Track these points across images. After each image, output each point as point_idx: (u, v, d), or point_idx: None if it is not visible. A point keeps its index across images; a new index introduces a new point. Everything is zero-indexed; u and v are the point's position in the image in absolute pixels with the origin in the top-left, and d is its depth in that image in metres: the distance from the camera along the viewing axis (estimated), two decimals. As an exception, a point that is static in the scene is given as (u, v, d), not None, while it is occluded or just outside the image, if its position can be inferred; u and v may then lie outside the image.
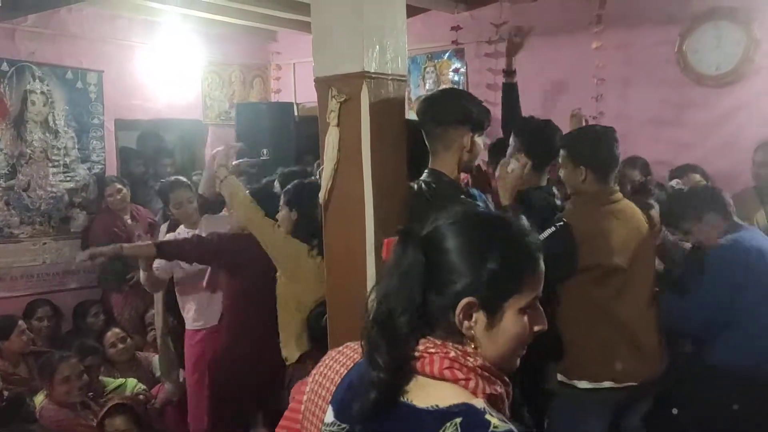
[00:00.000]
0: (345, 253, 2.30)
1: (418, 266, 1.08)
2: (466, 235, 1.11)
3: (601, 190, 2.51)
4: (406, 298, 1.07)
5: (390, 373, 1.05)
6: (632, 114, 4.45)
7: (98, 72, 5.17)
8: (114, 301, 4.78)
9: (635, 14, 4.48)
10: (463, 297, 1.07)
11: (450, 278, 1.08)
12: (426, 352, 1.06)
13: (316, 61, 2.34)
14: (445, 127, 2.32)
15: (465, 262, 1.08)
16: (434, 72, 5.42)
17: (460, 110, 2.32)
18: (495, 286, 1.08)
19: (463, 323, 1.07)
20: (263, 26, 5.71)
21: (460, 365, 1.05)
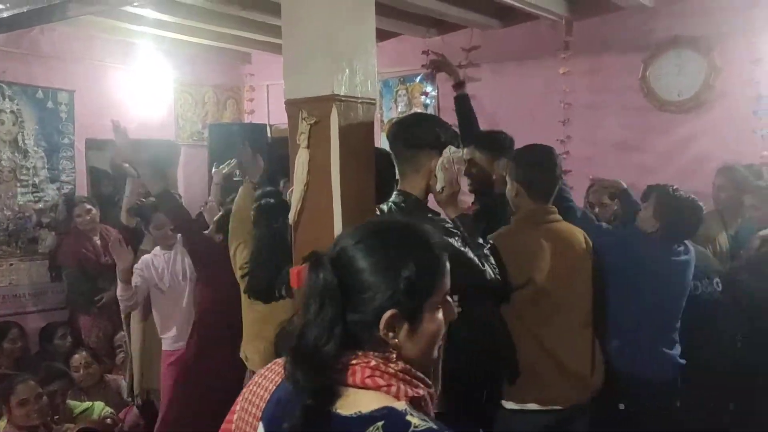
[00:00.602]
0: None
1: (333, 289, 1.11)
2: (375, 251, 1.14)
3: (536, 209, 2.54)
4: (328, 324, 1.10)
5: (317, 397, 1.08)
6: (598, 138, 4.56)
7: (69, 92, 5.15)
8: (82, 323, 4.72)
9: (601, 41, 4.61)
10: (384, 311, 1.10)
11: (368, 296, 1.11)
12: (349, 364, 1.10)
13: (287, 84, 2.38)
14: (415, 151, 2.35)
15: (380, 278, 1.12)
16: (406, 95, 5.49)
17: (430, 135, 2.36)
18: (412, 294, 1.12)
19: (388, 335, 1.11)
20: (237, 48, 5.75)
21: (381, 372, 1.09)
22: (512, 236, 2.51)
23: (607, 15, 4.53)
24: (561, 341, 2.46)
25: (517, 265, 2.42)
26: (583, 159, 4.53)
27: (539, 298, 2.45)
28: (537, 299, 2.45)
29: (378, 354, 1.11)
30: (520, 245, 2.46)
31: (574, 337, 2.51)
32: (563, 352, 2.47)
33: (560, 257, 2.49)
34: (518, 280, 2.42)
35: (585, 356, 2.54)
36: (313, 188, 2.28)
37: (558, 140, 4.60)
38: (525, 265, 2.43)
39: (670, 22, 4.38)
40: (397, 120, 2.53)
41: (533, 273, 2.43)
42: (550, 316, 2.46)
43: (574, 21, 4.64)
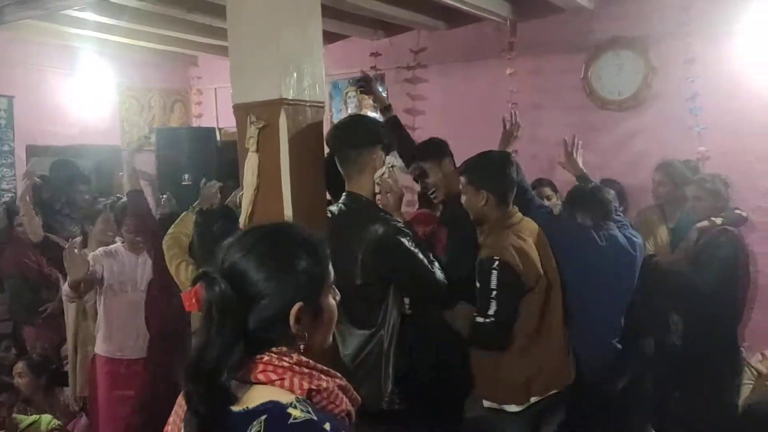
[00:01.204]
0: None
1: (232, 301, 1.12)
2: (267, 256, 1.17)
3: (503, 213, 2.60)
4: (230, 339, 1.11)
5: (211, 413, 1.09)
6: (543, 137, 4.66)
7: (8, 97, 5.00)
8: (26, 334, 4.58)
9: (544, 43, 4.72)
10: (290, 307, 1.14)
11: (270, 300, 1.14)
12: (243, 363, 1.12)
13: (234, 88, 2.38)
14: (358, 150, 2.39)
15: (280, 279, 1.15)
16: (356, 96, 5.51)
17: (370, 132, 2.42)
18: (311, 284, 1.18)
19: (297, 328, 1.15)
20: (183, 51, 5.67)
21: (274, 367, 1.12)
22: (511, 244, 2.50)
23: (549, 17, 4.65)
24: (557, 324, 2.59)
25: (526, 270, 2.47)
26: (528, 157, 4.63)
27: (544, 295, 2.54)
28: (543, 296, 2.53)
29: (276, 350, 1.14)
30: (519, 251, 2.48)
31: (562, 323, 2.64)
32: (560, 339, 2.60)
33: (541, 251, 2.59)
34: (530, 283, 2.49)
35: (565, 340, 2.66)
36: (264, 192, 2.29)
37: (505, 140, 4.68)
38: (531, 268, 2.49)
39: (609, 24, 4.52)
40: (334, 124, 2.55)
41: (539, 273, 2.52)
42: (547, 303, 2.56)
43: (518, 22, 4.75)
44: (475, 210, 2.62)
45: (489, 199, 2.57)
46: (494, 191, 2.57)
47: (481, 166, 2.65)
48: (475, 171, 2.63)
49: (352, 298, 2.32)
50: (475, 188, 2.59)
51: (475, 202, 2.60)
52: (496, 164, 2.65)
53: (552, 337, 2.58)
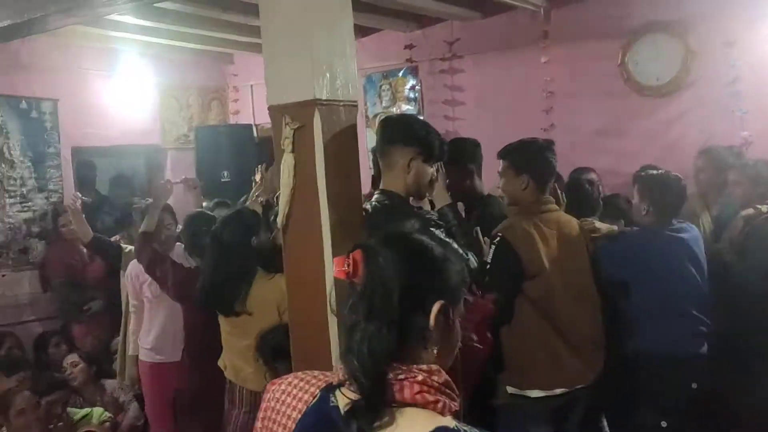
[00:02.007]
0: (305, 278, 2.36)
1: (391, 281, 1.10)
2: (424, 244, 1.18)
3: (538, 200, 2.64)
4: (377, 310, 1.08)
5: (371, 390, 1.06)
6: (580, 125, 4.62)
7: (53, 100, 5.15)
8: (75, 332, 4.74)
9: (578, 29, 4.66)
10: (435, 301, 1.12)
11: (420, 284, 1.12)
12: (396, 379, 1.07)
13: (269, 89, 2.41)
14: (390, 146, 2.40)
15: (433, 270, 1.15)
16: (390, 89, 5.53)
17: (406, 130, 2.40)
18: (456, 290, 1.17)
19: (434, 326, 1.11)
20: (219, 50, 5.76)
21: (428, 387, 1.07)
22: (520, 228, 2.58)
23: (584, 3, 4.58)
24: (567, 322, 2.56)
25: (530, 255, 2.51)
26: (566, 146, 4.58)
27: (552, 285, 2.54)
28: (550, 286, 2.54)
29: (421, 367, 1.09)
30: (529, 236, 2.54)
31: (577, 317, 2.60)
32: (572, 331, 2.57)
33: (562, 244, 2.59)
34: (532, 269, 2.51)
35: (593, 337, 2.64)
36: (300, 192, 2.32)
37: (542, 129, 4.65)
38: (536, 255, 2.52)
39: (646, 8, 4.43)
40: (383, 118, 2.58)
41: (544, 261, 2.53)
42: (563, 301, 2.55)
43: (552, 10, 4.69)
44: (514, 194, 2.68)
45: (529, 183, 2.62)
46: (535, 176, 2.62)
47: (523, 150, 2.69)
48: (518, 155, 2.68)
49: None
50: (516, 172, 2.65)
51: (515, 186, 2.66)
52: (538, 149, 2.69)
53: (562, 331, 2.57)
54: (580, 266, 2.65)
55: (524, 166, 2.65)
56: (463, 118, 5.14)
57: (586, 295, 2.65)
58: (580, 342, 2.58)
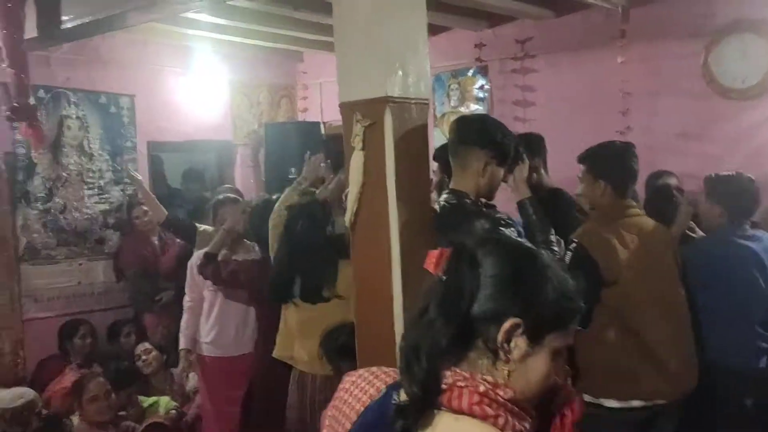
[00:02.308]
0: (372, 276, 2.34)
1: (468, 282, 1.06)
2: (526, 258, 1.10)
3: (618, 205, 2.57)
4: (451, 308, 1.05)
5: (424, 386, 1.01)
6: (659, 127, 4.43)
7: (130, 96, 5.31)
8: (147, 321, 4.88)
9: (659, 28, 4.47)
10: (512, 317, 1.04)
11: (500, 295, 1.05)
12: (455, 385, 1.02)
13: (341, 87, 2.40)
14: (466, 148, 2.35)
15: (521, 285, 1.06)
16: (458, 89, 5.46)
17: (483, 133, 2.34)
18: (543, 316, 1.06)
19: (503, 344, 1.04)
20: (290, 48, 5.82)
21: (489, 400, 1.01)
22: (597, 234, 2.51)
23: (665, 1, 4.40)
24: (653, 333, 2.46)
25: (608, 262, 2.44)
26: (644, 149, 4.40)
27: (631, 293, 2.45)
28: (629, 294, 2.45)
29: (486, 378, 1.03)
30: (606, 242, 2.47)
31: (666, 328, 2.49)
32: (658, 343, 2.46)
33: (644, 251, 2.49)
34: (609, 276, 2.43)
35: (681, 349, 2.53)
36: (369, 189, 2.30)
37: (617, 131, 4.49)
38: (615, 261, 2.44)
39: (732, 6, 4.21)
40: (459, 117, 2.54)
41: (624, 268, 2.44)
42: (644, 310, 2.46)
43: (631, 8, 4.52)
44: (592, 198, 2.64)
45: (606, 189, 2.56)
46: (613, 182, 2.56)
47: (602, 155, 2.63)
48: (595, 160, 2.62)
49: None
50: (594, 177, 2.60)
51: (593, 191, 2.61)
52: (617, 154, 2.62)
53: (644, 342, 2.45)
54: (665, 274, 2.55)
55: (601, 171, 2.59)
56: (534, 119, 5.01)
57: (671, 304, 2.53)
58: (664, 354, 2.46)
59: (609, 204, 2.57)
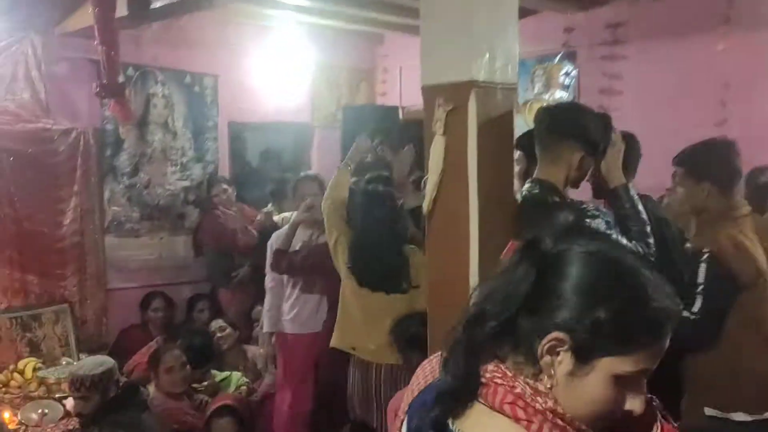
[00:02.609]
0: (448, 266, 2.26)
1: (525, 283, 0.99)
2: (592, 269, 0.99)
3: (728, 206, 2.40)
4: (501, 306, 0.99)
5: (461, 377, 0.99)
6: (760, 120, 4.13)
7: (214, 76, 5.40)
8: (222, 297, 4.99)
9: (766, 13, 4.15)
10: (557, 330, 0.96)
11: (552, 305, 0.97)
12: (492, 380, 0.98)
13: (423, 69, 2.32)
14: (557, 140, 2.22)
15: (576, 296, 0.97)
16: (543, 76, 5.26)
17: (575, 125, 2.21)
18: (594, 336, 0.95)
19: (544, 356, 0.97)
20: (371, 29, 5.76)
21: (525, 404, 0.95)
22: (726, 237, 2.33)
23: (775, -17, 4.08)
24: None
25: (745, 266, 2.28)
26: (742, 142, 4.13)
27: (764, 295, 2.30)
28: (763, 296, 2.29)
29: (528, 381, 0.97)
30: (741, 245, 2.30)
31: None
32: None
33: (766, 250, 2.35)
34: (746, 281, 2.27)
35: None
36: (449, 177, 2.22)
37: (714, 123, 4.22)
38: (750, 264, 2.29)
39: None
40: (547, 106, 2.40)
41: (755, 269, 2.29)
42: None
43: (735, -9, 4.22)
44: (695, 204, 2.46)
45: (711, 191, 2.40)
46: (717, 182, 2.40)
47: (702, 155, 2.46)
48: (697, 161, 2.46)
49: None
50: (696, 180, 2.43)
51: (696, 194, 2.44)
52: (718, 153, 2.46)
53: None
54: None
55: (705, 172, 2.42)
56: (620, 109, 4.77)
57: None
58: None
59: (719, 206, 2.40)
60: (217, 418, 3.39)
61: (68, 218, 4.69)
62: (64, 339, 4.51)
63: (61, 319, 4.54)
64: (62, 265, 4.66)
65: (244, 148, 5.93)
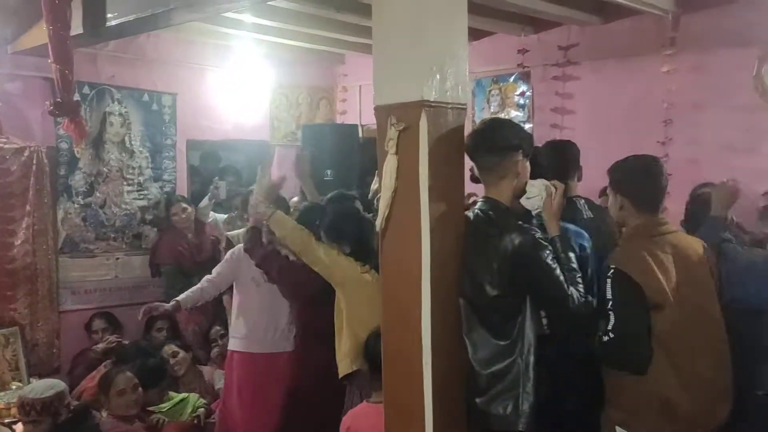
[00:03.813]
0: (401, 283, 2.29)
1: None
2: None
3: (646, 222, 2.41)
4: None
5: None
6: (704, 139, 4.29)
7: (172, 94, 5.38)
8: (179, 317, 4.91)
9: (710, 37, 4.32)
10: None
11: None
12: None
13: (376, 89, 2.36)
14: (501, 157, 2.31)
15: None
16: (499, 95, 5.37)
17: (513, 137, 2.34)
18: None
19: None
20: (331, 49, 5.82)
21: None
22: (633, 255, 2.34)
23: (718, 8, 4.25)
24: (697, 361, 2.29)
25: (649, 285, 2.26)
26: (686, 162, 4.28)
27: (674, 318, 2.27)
28: (672, 319, 2.27)
29: None
30: (644, 263, 2.29)
31: (709, 354, 2.33)
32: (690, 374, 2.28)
33: (682, 270, 2.33)
34: (654, 300, 2.26)
35: (721, 374, 2.36)
36: (402, 195, 2.26)
37: (658, 142, 4.37)
38: (655, 283, 2.27)
39: (789, 16, 4.05)
40: (474, 130, 2.43)
41: (665, 291, 2.27)
42: (677, 336, 2.28)
43: (681, 15, 4.38)
44: (615, 216, 2.53)
45: (624, 204, 2.44)
46: (631, 197, 2.43)
47: (621, 169, 2.50)
48: (614, 174, 2.51)
49: (488, 307, 2.25)
50: (614, 193, 2.50)
51: (614, 207, 2.50)
52: (638, 168, 2.48)
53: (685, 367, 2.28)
54: (703, 296, 2.37)
55: (619, 186, 2.47)
56: (572, 128, 4.91)
57: (709, 329, 2.35)
58: (699, 383, 2.29)
59: (635, 221, 2.43)
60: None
61: (20, 239, 4.60)
62: (14, 363, 4.40)
63: (11, 343, 4.43)
64: (12, 286, 4.56)
65: (204, 166, 5.90)
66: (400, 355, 2.32)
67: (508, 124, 2.52)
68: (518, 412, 2.20)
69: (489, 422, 2.25)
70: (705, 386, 2.31)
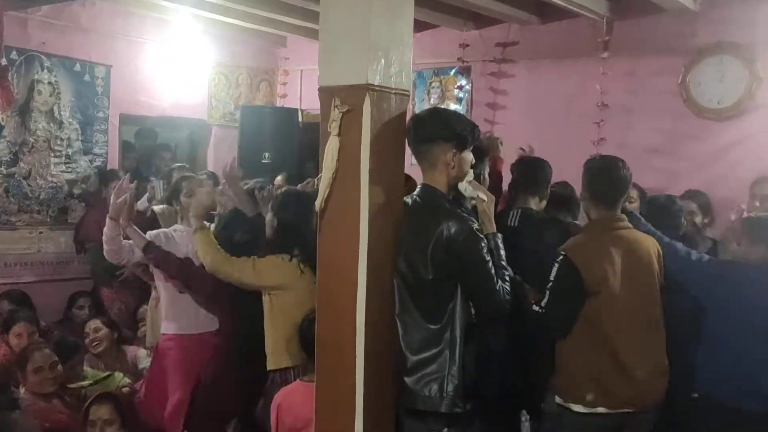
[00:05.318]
0: (338, 263, 2.32)
1: None
2: None
3: (604, 217, 2.59)
4: None
5: None
6: (632, 141, 4.49)
7: (107, 66, 5.21)
8: (104, 295, 4.79)
9: (641, 44, 4.53)
10: None
11: None
12: None
13: (321, 71, 2.37)
14: (429, 146, 2.35)
15: None
16: (440, 87, 5.46)
17: (442, 128, 2.35)
18: None
19: None
20: (273, 31, 5.76)
21: None
22: (584, 246, 2.55)
23: (650, 17, 4.45)
24: (624, 343, 2.47)
25: (591, 274, 2.46)
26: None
27: (609, 305, 2.47)
28: (607, 306, 2.47)
29: None
30: (592, 254, 2.50)
31: (638, 339, 2.51)
32: (628, 353, 2.48)
33: (628, 264, 2.51)
34: (592, 287, 2.46)
35: (651, 360, 2.53)
36: (342, 177, 2.28)
37: (592, 141, 4.55)
38: (598, 273, 2.47)
39: (714, 28, 4.28)
40: (412, 116, 2.49)
41: (606, 280, 2.46)
42: (620, 322, 2.47)
43: (615, 21, 4.57)
44: (582, 204, 2.78)
45: (588, 200, 2.65)
46: (591, 192, 2.64)
47: (587, 166, 2.70)
48: (583, 169, 2.70)
49: (423, 289, 2.31)
50: (582, 188, 2.70)
51: (582, 201, 2.76)
52: (598, 168, 2.67)
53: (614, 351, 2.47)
54: (647, 288, 2.55)
55: (583, 181, 2.67)
56: (506, 124, 5.05)
57: (650, 318, 2.55)
58: (636, 365, 2.47)
59: (597, 216, 2.62)
60: (97, 405, 3.19)
61: (-64, 208, 4.37)
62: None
63: None
64: (-74, 257, 4.33)
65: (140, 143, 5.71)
66: (333, 336, 2.35)
67: (443, 113, 2.53)
68: (443, 395, 2.27)
69: (416, 402, 2.31)
70: (641, 368, 2.48)
